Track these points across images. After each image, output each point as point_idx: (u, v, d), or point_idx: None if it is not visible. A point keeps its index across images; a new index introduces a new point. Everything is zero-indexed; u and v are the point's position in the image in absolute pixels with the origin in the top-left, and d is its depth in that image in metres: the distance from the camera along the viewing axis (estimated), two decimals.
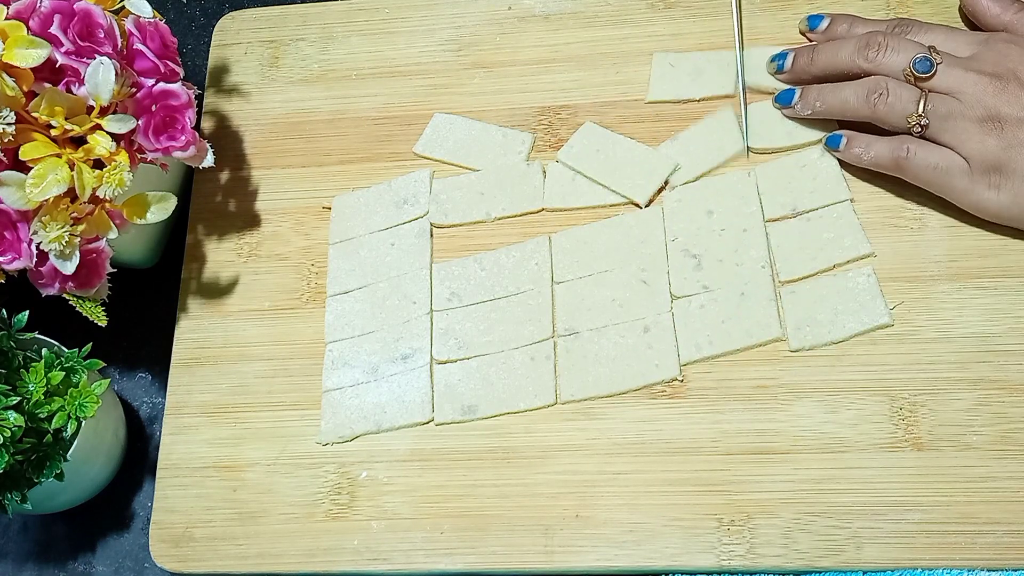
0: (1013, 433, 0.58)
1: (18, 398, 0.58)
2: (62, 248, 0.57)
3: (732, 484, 0.59)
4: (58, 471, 0.60)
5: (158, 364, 0.70)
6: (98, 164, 0.59)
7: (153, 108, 0.61)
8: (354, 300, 0.67)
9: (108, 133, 0.59)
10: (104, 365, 0.62)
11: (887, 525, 0.57)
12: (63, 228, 0.57)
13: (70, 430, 0.59)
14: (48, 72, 0.59)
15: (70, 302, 0.60)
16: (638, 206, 0.66)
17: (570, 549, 0.59)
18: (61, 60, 0.58)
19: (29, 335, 0.61)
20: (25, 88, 0.57)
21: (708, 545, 0.58)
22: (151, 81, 0.61)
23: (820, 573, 0.57)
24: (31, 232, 0.57)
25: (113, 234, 0.60)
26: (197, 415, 0.66)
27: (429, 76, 0.73)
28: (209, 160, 0.64)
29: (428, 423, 0.63)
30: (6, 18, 0.58)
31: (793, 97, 0.66)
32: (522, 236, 0.67)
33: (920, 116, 0.60)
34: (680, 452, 0.60)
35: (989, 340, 0.60)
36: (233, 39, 0.77)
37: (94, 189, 0.58)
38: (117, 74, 0.58)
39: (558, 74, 0.71)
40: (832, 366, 0.60)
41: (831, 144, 0.65)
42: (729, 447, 0.60)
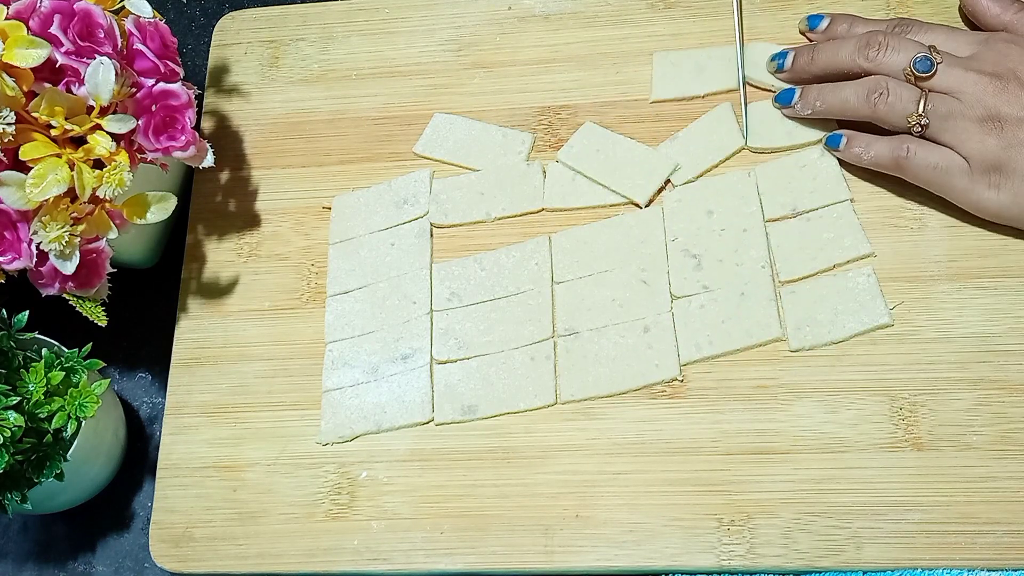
0: (1013, 433, 0.58)
1: (18, 398, 0.58)
2: (62, 248, 0.57)
3: (732, 484, 0.59)
4: (58, 471, 0.60)
5: (158, 364, 0.70)
6: (98, 164, 0.59)
7: (153, 108, 0.61)
8: (354, 300, 0.67)
9: (108, 133, 0.59)
10: (104, 365, 0.62)
11: (887, 525, 0.57)
12: (63, 228, 0.57)
13: (70, 430, 0.59)
14: (48, 72, 0.59)
15: (70, 302, 0.60)
16: (638, 206, 0.66)
17: (570, 549, 0.59)
18: (61, 60, 0.58)
19: (29, 335, 0.61)
20: (25, 88, 0.57)
21: (708, 545, 0.58)
22: (151, 81, 0.61)
23: (820, 573, 0.57)
24: (31, 232, 0.57)
25: (113, 234, 0.60)
26: (197, 415, 0.66)
27: (429, 76, 0.73)
28: (209, 160, 0.64)
29: (428, 423, 0.63)
30: (6, 18, 0.58)
31: (793, 97, 0.66)
32: (522, 236, 0.67)
33: (920, 116, 0.60)
34: (680, 452, 0.60)
35: (989, 340, 0.60)
36: (233, 39, 0.77)
37: (94, 189, 0.58)
38: (117, 74, 0.58)
39: (558, 74, 0.71)
40: (832, 366, 0.60)
41: (831, 144, 0.65)
42: (729, 447, 0.60)
